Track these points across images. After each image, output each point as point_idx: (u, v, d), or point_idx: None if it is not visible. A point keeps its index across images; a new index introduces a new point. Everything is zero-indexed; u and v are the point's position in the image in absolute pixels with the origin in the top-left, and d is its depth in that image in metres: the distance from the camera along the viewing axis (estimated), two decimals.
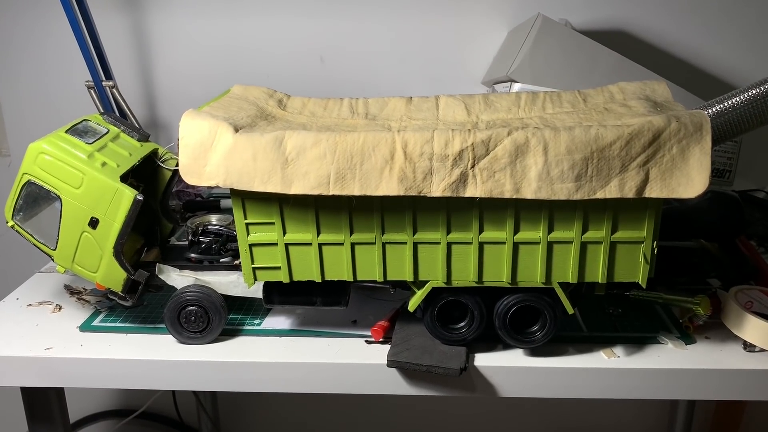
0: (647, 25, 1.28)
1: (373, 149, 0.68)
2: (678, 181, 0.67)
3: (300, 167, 0.69)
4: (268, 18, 1.31)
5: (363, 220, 0.73)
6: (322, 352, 0.79)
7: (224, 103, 0.80)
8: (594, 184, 0.67)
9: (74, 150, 0.76)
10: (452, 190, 0.68)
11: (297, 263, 0.75)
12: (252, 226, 0.74)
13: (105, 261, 0.77)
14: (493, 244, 0.72)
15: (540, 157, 0.67)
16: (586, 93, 0.82)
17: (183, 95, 1.36)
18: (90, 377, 0.80)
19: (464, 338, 0.77)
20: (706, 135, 0.66)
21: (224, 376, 0.79)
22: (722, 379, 0.76)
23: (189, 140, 0.71)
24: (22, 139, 1.40)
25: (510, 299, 0.75)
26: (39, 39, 1.33)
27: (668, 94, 0.79)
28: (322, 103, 0.86)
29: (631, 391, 0.77)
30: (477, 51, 1.31)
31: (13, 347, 0.81)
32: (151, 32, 1.33)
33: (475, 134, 0.68)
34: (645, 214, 0.70)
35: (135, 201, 0.75)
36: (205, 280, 0.82)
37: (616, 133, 0.67)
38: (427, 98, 0.85)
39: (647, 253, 0.72)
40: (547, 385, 0.77)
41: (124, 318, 0.87)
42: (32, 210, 0.78)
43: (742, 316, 0.78)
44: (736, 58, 1.29)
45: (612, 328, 0.83)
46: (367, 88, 1.34)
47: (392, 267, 0.75)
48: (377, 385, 0.78)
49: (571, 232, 0.71)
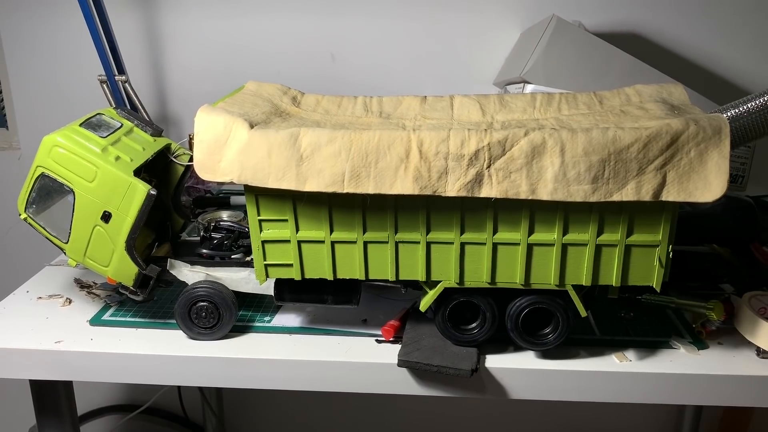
0: (661, 27, 1.27)
1: (389, 148, 0.68)
2: (695, 184, 0.66)
3: (315, 164, 0.69)
4: (280, 15, 1.31)
5: (376, 218, 0.72)
6: (332, 351, 0.79)
7: (239, 100, 0.80)
8: (610, 187, 0.67)
9: (88, 143, 0.76)
10: (467, 190, 0.68)
11: (309, 261, 0.75)
12: (265, 223, 0.74)
13: (117, 255, 0.77)
14: (507, 245, 0.72)
15: (557, 158, 0.66)
16: (602, 95, 0.82)
17: (194, 91, 1.36)
18: (100, 371, 0.80)
19: (476, 339, 0.77)
20: (725, 139, 0.66)
21: (234, 372, 0.79)
22: (735, 385, 0.75)
23: (204, 136, 0.71)
24: (33, 132, 1.41)
25: (523, 301, 0.75)
26: (51, 33, 1.33)
27: (685, 98, 0.78)
28: (336, 101, 0.85)
29: (643, 395, 0.76)
30: (489, 51, 1.30)
31: (23, 340, 0.81)
32: (163, 28, 1.33)
33: (492, 134, 0.67)
34: (661, 217, 0.70)
35: (148, 196, 0.75)
36: (217, 276, 0.82)
37: (634, 135, 0.66)
38: (442, 97, 0.85)
39: (662, 257, 0.71)
40: (558, 388, 0.76)
41: (134, 312, 0.87)
42: (45, 203, 0.78)
43: (755, 322, 0.77)
44: (751, 62, 1.28)
45: (624, 332, 0.82)
46: (378, 86, 1.34)
47: (405, 266, 0.74)
48: (387, 384, 0.78)
49: (586, 234, 0.71)
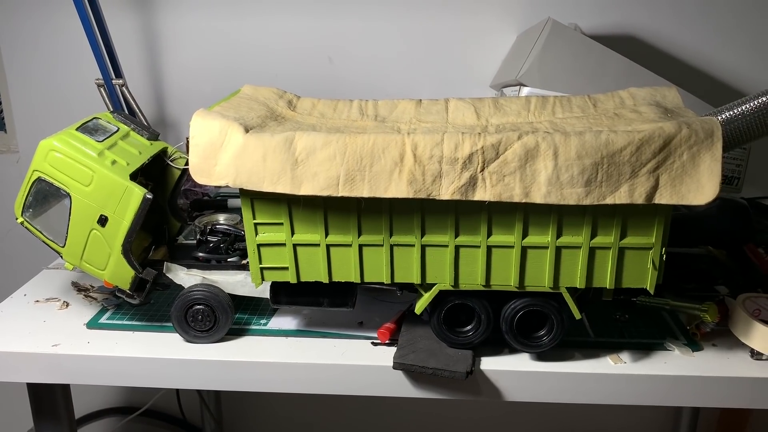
0: (657, 30, 1.28)
1: (383, 151, 0.68)
2: (688, 187, 0.67)
3: (310, 168, 0.69)
4: (277, 18, 1.31)
5: (371, 221, 0.73)
6: (328, 353, 0.79)
7: (234, 103, 0.80)
8: (604, 190, 0.67)
9: (85, 148, 0.76)
10: (461, 193, 0.68)
11: (305, 264, 0.76)
12: (260, 227, 0.74)
13: (113, 259, 0.77)
14: (502, 247, 0.72)
15: (550, 161, 0.67)
16: (596, 98, 0.82)
17: (191, 94, 1.37)
18: (97, 374, 0.80)
19: (471, 342, 0.77)
20: (717, 142, 0.66)
21: (230, 375, 0.79)
22: (729, 386, 0.76)
23: (199, 140, 0.71)
24: (32, 135, 1.41)
25: (517, 303, 0.75)
26: (49, 37, 1.33)
27: (679, 101, 0.78)
28: (331, 105, 0.86)
29: (638, 397, 0.76)
30: (486, 54, 1.31)
31: (20, 343, 0.81)
32: (160, 31, 1.33)
33: (485, 138, 0.68)
34: (654, 220, 0.70)
35: (144, 199, 0.75)
36: (213, 279, 0.82)
37: (627, 138, 0.66)
38: (437, 101, 0.85)
39: (656, 260, 0.71)
40: (553, 390, 0.77)
41: (131, 316, 0.87)
42: (42, 207, 0.79)
43: (749, 324, 0.77)
44: (747, 65, 1.28)
45: (619, 334, 0.83)
46: (375, 89, 1.34)
47: (400, 269, 0.75)
48: (383, 387, 0.78)
49: (579, 237, 0.71)
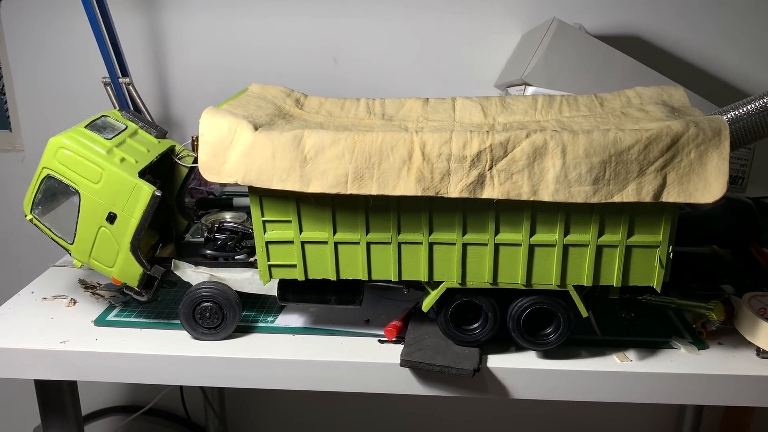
0: (662, 30, 1.28)
1: (392, 149, 0.69)
2: (695, 186, 0.67)
3: (318, 166, 0.69)
4: (282, 17, 1.32)
5: (379, 219, 0.73)
6: (335, 351, 0.79)
7: (243, 102, 0.81)
8: (611, 188, 0.67)
9: (94, 145, 0.77)
10: (469, 191, 0.69)
11: (312, 261, 0.76)
12: (269, 224, 0.75)
13: (122, 256, 0.78)
14: (509, 245, 0.73)
15: (558, 159, 0.67)
16: (603, 97, 0.82)
17: (197, 93, 1.37)
18: (104, 371, 0.80)
19: (478, 339, 0.77)
20: (725, 140, 0.66)
21: (238, 372, 0.79)
22: (735, 384, 0.76)
23: (209, 137, 0.72)
24: (37, 134, 1.41)
25: (524, 301, 0.75)
26: (55, 35, 1.34)
27: (685, 100, 0.79)
28: (339, 103, 0.86)
29: (644, 395, 0.77)
30: (491, 54, 1.31)
31: (28, 340, 0.81)
32: (166, 31, 1.33)
33: (494, 136, 0.68)
34: (661, 218, 0.70)
35: (153, 197, 0.76)
36: (220, 276, 0.83)
37: (635, 137, 0.67)
38: (444, 99, 0.85)
39: (663, 258, 0.72)
40: (559, 388, 0.77)
41: (139, 313, 0.87)
42: (50, 204, 0.79)
43: (755, 323, 0.78)
44: (751, 65, 1.28)
45: (625, 332, 0.83)
46: (380, 89, 1.34)
47: (407, 267, 0.75)
48: (389, 384, 0.78)
49: (587, 235, 0.71)
